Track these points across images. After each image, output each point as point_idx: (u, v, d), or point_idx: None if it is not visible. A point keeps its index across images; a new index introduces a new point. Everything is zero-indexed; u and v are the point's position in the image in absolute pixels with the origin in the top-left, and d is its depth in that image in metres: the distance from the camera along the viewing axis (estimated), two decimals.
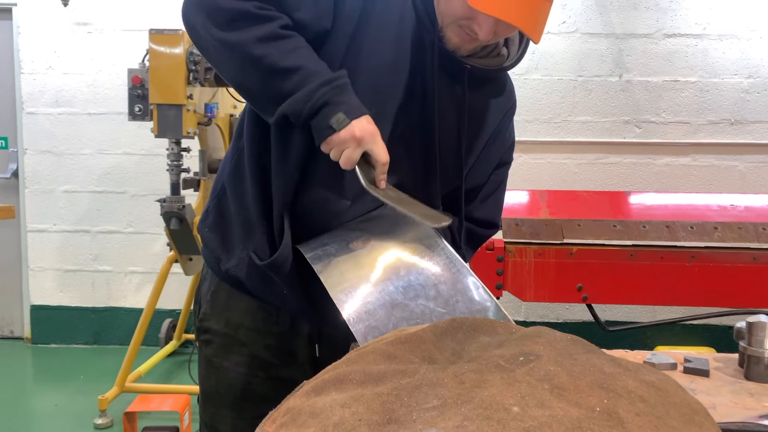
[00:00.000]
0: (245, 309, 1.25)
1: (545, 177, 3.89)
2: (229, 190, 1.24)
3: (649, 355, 1.22)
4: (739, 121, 3.83)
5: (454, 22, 1.13)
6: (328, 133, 1.05)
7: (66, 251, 4.20)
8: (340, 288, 1.04)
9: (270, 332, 1.25)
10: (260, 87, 1.07)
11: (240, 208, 1.21)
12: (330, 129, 1.04)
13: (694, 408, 0.67)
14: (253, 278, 1.19)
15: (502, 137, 1.33)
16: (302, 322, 1.26)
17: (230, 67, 1.09)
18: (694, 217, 2.20)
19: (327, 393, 0.69)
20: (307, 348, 1.27)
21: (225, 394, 1.27)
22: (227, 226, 1.24)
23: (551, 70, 3.88)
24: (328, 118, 1.04)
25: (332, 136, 1.05)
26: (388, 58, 1.14)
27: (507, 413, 0.60)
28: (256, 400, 1.25)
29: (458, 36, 1.14)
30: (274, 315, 1.25)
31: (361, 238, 1.13)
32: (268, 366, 1.25)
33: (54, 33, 4.06)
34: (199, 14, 1.06)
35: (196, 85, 3.02)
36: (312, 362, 1.26)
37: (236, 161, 1.23)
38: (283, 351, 1.26)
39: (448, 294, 1.03)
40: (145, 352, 3.60)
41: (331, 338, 1.25)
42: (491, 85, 1.28)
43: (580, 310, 3.76)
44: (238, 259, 1.20)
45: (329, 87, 1.04)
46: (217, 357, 1.27)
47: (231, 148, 1.27)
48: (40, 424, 3.17)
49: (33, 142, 4.14)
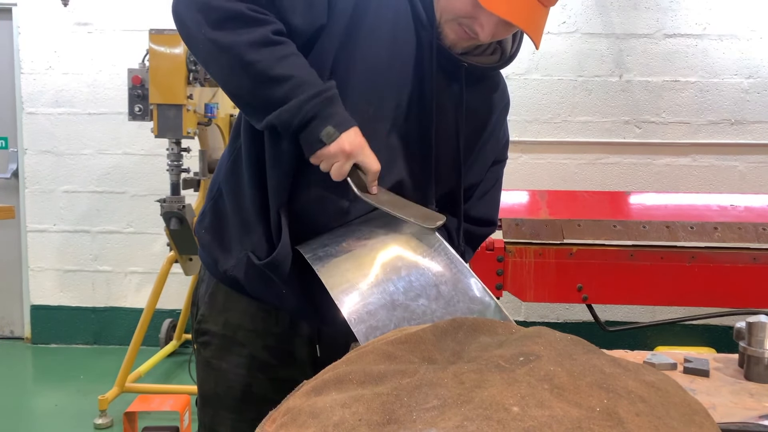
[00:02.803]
0: (244, 310, 1.25)
1: (545, 177, 3.90)
2: (226, 190, 1.23)
3: (649, 356, 1.22)
4: (739, 121, 3.83)
5: (454, 19, 1.12)
6: (318, 146, 1.05)
7: (66, 251, 4.20)
8: (340, 288, 1.04)
9: (269, 333, 1.25)
10: (249, 92, 1.07)
11: (237, 208, 1.20)
12: (320, 143, 1.05)
13: (694, 408, 0.67)
14: (251, 278, 1.19)
15: (497, 135, 1.33)
16: (301, 322, 1.25)
17: (219, 68, 1.08)
18: (694, 217, 2.20)
19: (327, 393, 0.69)
20: (307, 348, 1.26)
21: (224, 396, 1.26)
22: (224, 226, 1.23)
23: (551, 70, 3.88)
24: (317, 131, 1.04)
25: (322, 150, 1.05)
26: (384, 56, 1.14)
27: (507, 413, 0.60)
28: (256, 401, 1.24)
29: (456, 33, 1.14)
30: (273, 315, 1.24)
31: (361, 237, 1.13)
32: (267, 367, 1.25)
33: (54, 33, 4.07)
34: (190, 10, 1.05)
35: (196, 85, 3.02)
36: (312, 362, 1.25)
37: (233, 162, 1.22)
38: (282, 351, 1.26)
39: (449, 294, 1.02)
40: (145, 353, 3.60)
41: (331, 338, 1.24)
42: (486, 83, 1.28)
43: (580, 310, 3.77)
44: (237, 259, 1.19)
45: (318, 99, 1.04)
46: (216, 359, 1.26)
47: (227, 149, 1.26)
48: (40, 424, 3.17)
49: (33, 142, 4.14)
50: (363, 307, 1.01)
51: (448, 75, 1.19)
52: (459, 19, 1.12)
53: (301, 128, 1.05)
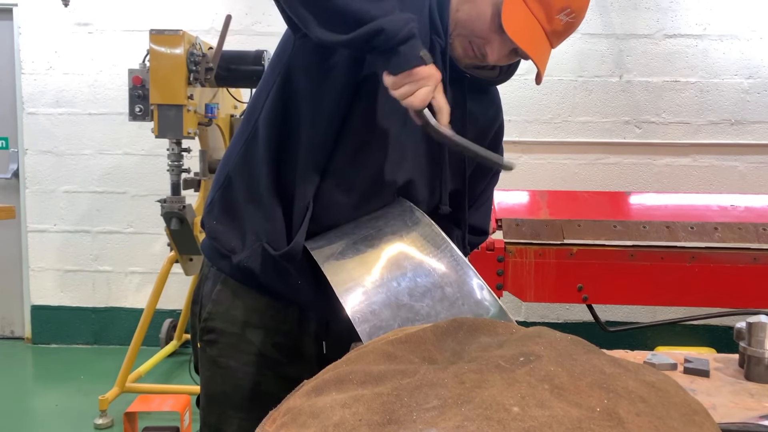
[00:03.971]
0: (253, 307, 1.24)
1: (545, 177, 3.90)
2: (237, 180, 1.22)
3: (649, 356, 1.22)
4: (740, 121, 3.83)
5: (467, 37, 1.15)
6: (417, 62, 1.01)
7: (66, 251, 4.20)
8: (345, 287, 1.03)
9: (278, 330, 1.24)
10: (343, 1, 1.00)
11: (251, 196, 1.20)
12: (420, 59, 1.02)
13: (694, 408, 0.67)
14: (266, 269, 1.18)
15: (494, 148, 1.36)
16: (310, 319, 1.25)
17: None
18: (694, 217, 2.20)
19: (327, 393, 0.69)
20: (315, 345, 1.26)
21: (232, 394, 1.25)
22: (236, 216, 1.22)
23: (551, 71, 3.88)
24: (418, 48, 1.02)
25: (420, 67, 1.02)
26: None
27: (507, 413, 0.60)
28: (264, 399, 1.23)
29: (464, 50, 1.16)
30: (282, 312, 1.24)
31: (367, 235, 1.13)
32: (276, 364, 1.24)
33: (54, 33, 4.07)
34: None
35: (196, 85, 3.02)
36: (319, 360, 1.25)
37: (245, 151, 1.21)
38: (291, 349, 1.25)
39: (454, 296, 1.02)
40: (146, 353, 3.60)
41: (338, 335, 1.24)
42: (484, 97, 1.31)
43: (580, 310, 3.77)
44: (251, 249, 1.18)
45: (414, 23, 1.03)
46: (223, 357, 1.25)
47: (237, 138, 1.25)
48: (40, 424, 3.17)
49: (33, 143, 4.15)
50: (367, 307, 1.01)
51: (453, 82, 1.21)
52: (471, 38, 1.14)
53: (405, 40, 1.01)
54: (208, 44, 3.14)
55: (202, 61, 3.00)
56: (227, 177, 1.24)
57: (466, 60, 1.18)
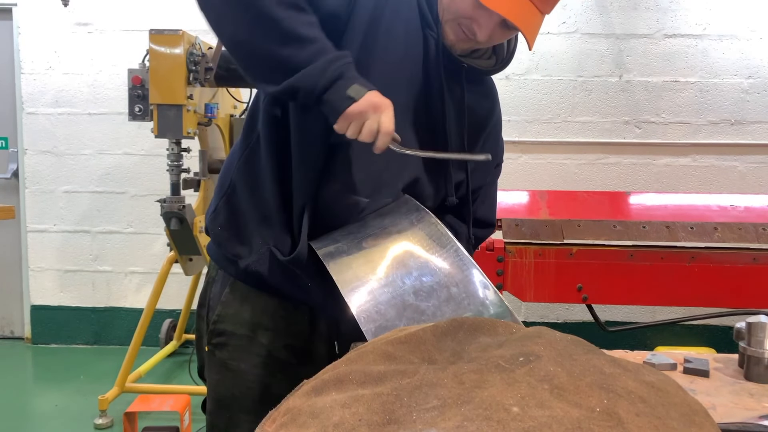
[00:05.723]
0: (263, 308, 1.24)
1: (545, 177, 3.90)
2: (240, 185, 1.22)
3: (649, 356, 1.22)
4: (739, 121, 3.83)
5: (455, 20, 1.14)
6: (347, 103, 1.02)
7: (66, 251, 4.20)
8: (351, 286, 1.03)
9: (289, 331, 1.24)
10: (269, 50, 1.02)
11: (256, 201, 1.20)
12: (349, 99, 1.02)
13: (694, 408, 0.67)
14: (275, 273, 1.17)
15: (494, 137, 1.37)
16: (320, 320, 1.25)
17: (237, 22, 1.03)
18: (694, 217, 2.20)
19: (327, 393, 0.69)
20: (326, 346, 1.26)
21: (242, 397, 1.23)
22: (242, 221, 1.22)
23: (551, 71, 3.88)
24: (344, 89, 1.02)
25: (352, 106, 1.02)
26: (400, 53, 1.16)
27: (507, 413, 0.60)
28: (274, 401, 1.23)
29: (455, 34, 1.16)
30: (292, 313, 1.24)
31: (373, 235, 1.12)
32: (286, 366, 1.23)
33: (54, 33, 4.06)
34: None
35: (196, 85, 3.02)
36: (330, 360, 1.25)
37: (248, 155, 1.21)
38: (302, 350, 1.24)
39: (459, 297, 1.02)
40: (146, 353, 3.60)
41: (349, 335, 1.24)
42: (482, 87, 1.31)
43: (580, 310, 3.77)
44: (258, 254, 1.18)
45: (343, 62, 1.03)
46: (234, 360, 1.24)
47: (240, 143, 1.25)
48: (40, 425, 3.17)
49: (33, 143, 4.14)
50: (373, 306, 1.01)
51: (450, 74, 1.21)
52: (459, 20, 1.14)
53: (327, 88, 1.02)
54: (207, 44, 3.13)
55: (202, 60, 3.00)
56: (231, 183, 1.24)
57: (460, 44, 1.18)
